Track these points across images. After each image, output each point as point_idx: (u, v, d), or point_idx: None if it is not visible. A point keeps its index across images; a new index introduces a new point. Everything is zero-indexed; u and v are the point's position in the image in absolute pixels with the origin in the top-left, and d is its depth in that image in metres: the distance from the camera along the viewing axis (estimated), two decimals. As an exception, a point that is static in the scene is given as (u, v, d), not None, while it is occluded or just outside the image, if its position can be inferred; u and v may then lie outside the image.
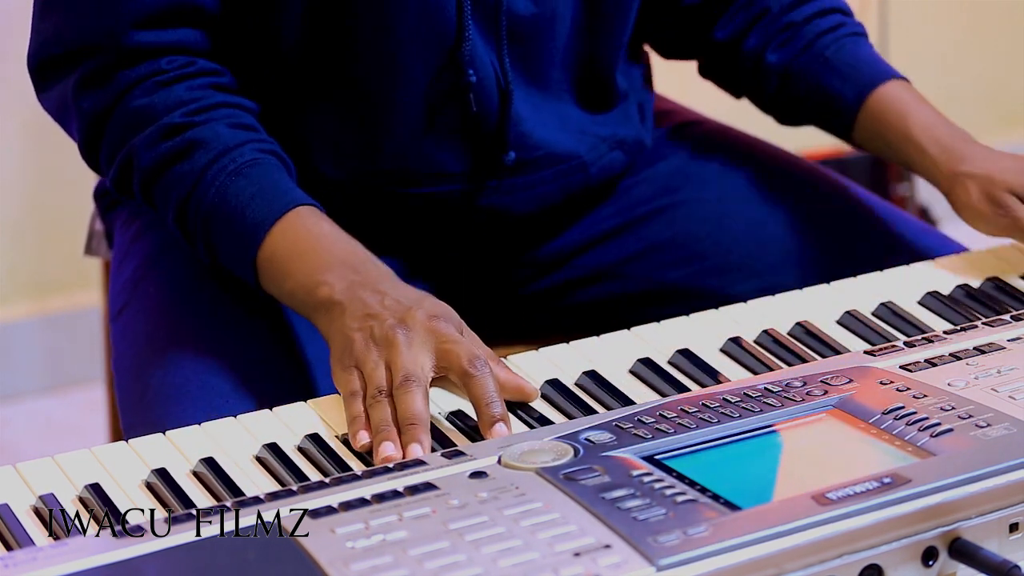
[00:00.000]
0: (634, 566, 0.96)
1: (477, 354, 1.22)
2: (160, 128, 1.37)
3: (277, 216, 1.34)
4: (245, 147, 1.36)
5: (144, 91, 1.38)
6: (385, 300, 1.26)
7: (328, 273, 1.30)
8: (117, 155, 1.39)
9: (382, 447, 1.17)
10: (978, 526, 1.04)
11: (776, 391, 1.18)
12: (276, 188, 1.35)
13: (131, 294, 1.47)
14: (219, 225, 1.35)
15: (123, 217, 1.57)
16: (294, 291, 1.32)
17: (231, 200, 1.35)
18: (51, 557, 0.99)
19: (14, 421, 2.70)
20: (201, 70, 1.40)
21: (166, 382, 1.36)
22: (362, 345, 1.23)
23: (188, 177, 1.36)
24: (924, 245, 1.54)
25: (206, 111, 1.37)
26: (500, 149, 1.47)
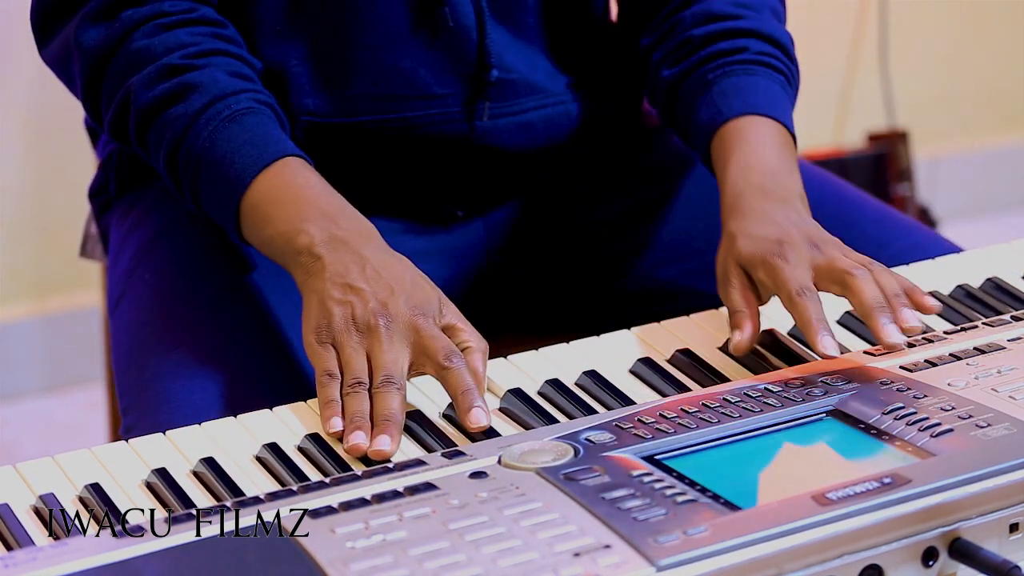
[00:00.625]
0: (634, 566, 0.96)
1: (452, 348, 1.23)
2: (159, 68, 1.37)
3: (265, 164, 1.34)
4: (241, 95, 1.37)
5: (145, 33, 1.38)
6: (367, 269, 1.27)
7: (309, 222, 1.30)
8: (116, 95, 1.39)
9: (353, 435, 1.18)
10: (978, 526, 1.04)
11: (776, 391, 1.18)
12: (267, 137, 1.36)
13: (127, 284, 1.48)
14: (207, 170, 1.35)
15: (117, 214, 1.57)
16: (273, 238, 1.32)
17: (221, 145, 1.35)
18: (51, 557, 0.99)
19: (14, 421, 2.70)
20: (203, 17, 1.40)
21: (163, 363, 1.36)
22: (341, 324, 1.24)
23: (182, 119, 1.36)
24: (924, 245, 1.53)
25: (206, 56, 1.38)
26: (483, 68, 1.47)
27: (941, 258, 1.48)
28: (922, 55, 3.33)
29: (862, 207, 1.59)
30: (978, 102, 3.44)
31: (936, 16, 3.33)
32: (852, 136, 3.19)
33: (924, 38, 3.32)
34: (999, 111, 3.46)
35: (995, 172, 3.45)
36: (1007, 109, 3.47)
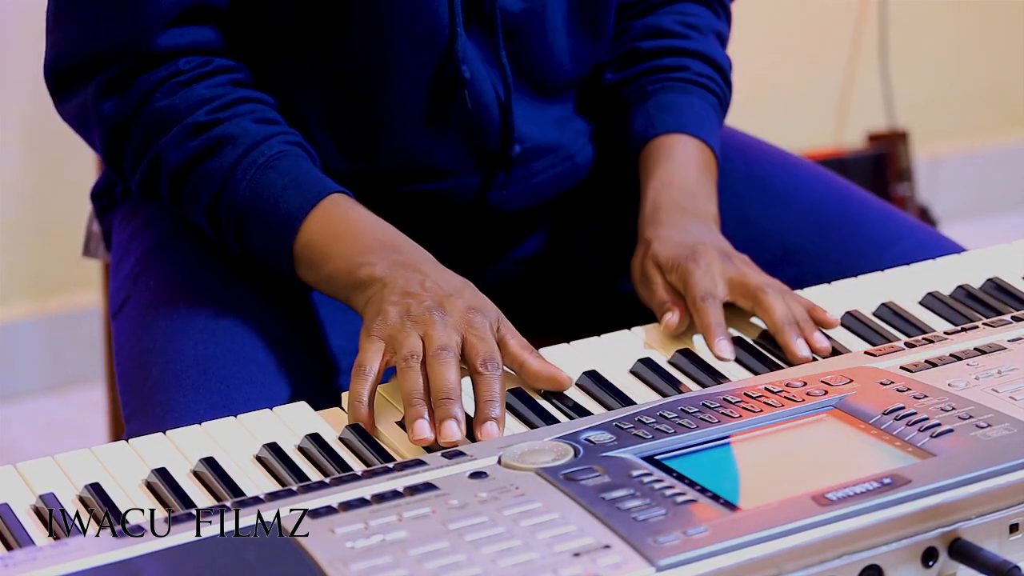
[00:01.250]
0: (634, 566, 0.96)
1: (495, 356, 1.23)
2: (186, 127, 1.38)
3: (313, 204, 1.36)
4: (272, 140, 1.38)
5: (165, 93, 1.39)
6: (426, 282, 1.28)
7: (370, 254, 1.32)
8: (143, 158, 1.40)
9: (417, 425, 1.18)
10: (978, 527, 1.04)
11: (776, 391, 1.18)
12: (308, 177, 1.37)
13: (131, 289, 1.48)
14: (252, 218, 1.37)
15: (120, 216, 1.57)
16: (333, 275, 1.33)
17: (263, 193, 1.36)
18: (51, 557, 0.99)
19: (14, 421, 2.70)
20: (219, 68, 1.41)
21: (167, 370, 1.36)
22: (396, 318, 1.25)
23: (218, 173, 1.37)
24: (920, 241, 1.53)
25: (229, 107, 1.39)
26: (506, 143, 1.47)
27: (942, 258, 1.48)
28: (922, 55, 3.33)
29: (867, 207, 1.59)
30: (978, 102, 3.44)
31: (936, 16, 3.33)
32: (852, 136, 3.19)
33: (924, 38, 3.32)
34: (999, 111, 3.46)
35: (995, 172, 3.45)
36: (1007, 109, 3.47)
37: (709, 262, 1.35)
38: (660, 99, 1.51)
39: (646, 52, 1.53)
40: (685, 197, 1.45)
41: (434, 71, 1.43)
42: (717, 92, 1.54)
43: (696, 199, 1.45)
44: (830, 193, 1.59)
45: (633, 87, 1.53)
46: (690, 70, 1.53)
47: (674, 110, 1.50)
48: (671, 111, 1.50)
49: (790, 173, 1.61)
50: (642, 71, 1.53)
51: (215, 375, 1.34)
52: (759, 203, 1.58)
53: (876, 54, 3.15)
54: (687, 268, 1.35)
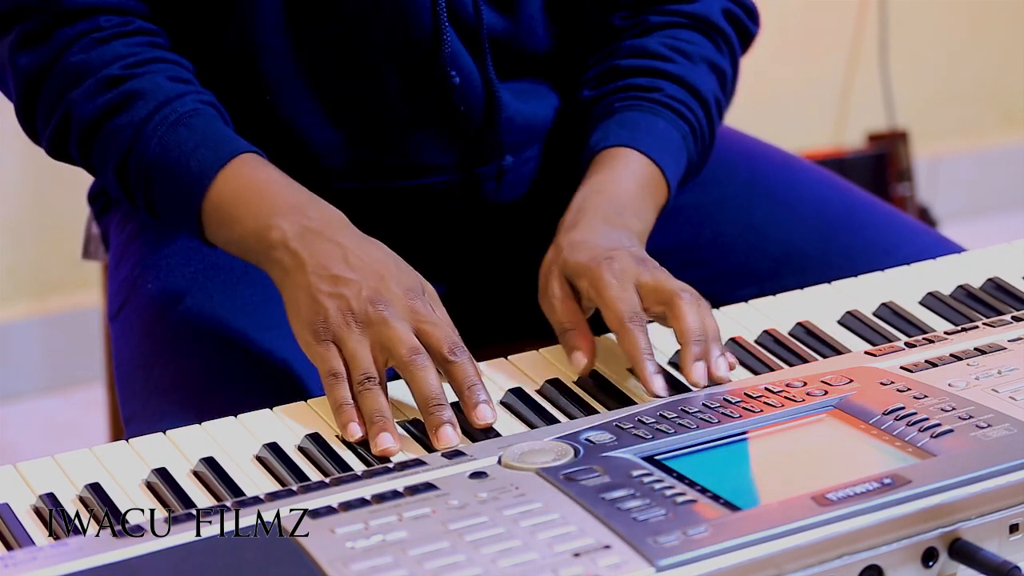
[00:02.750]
0: (634, 567, 0.96)
1: (455, 340, 1.22)
2: (98, 80, 1.36)
3: (222, 163, 1.33)
4: (185, 97, 1.36)
5: (82, 47, 1.37)
6: (349, 258, 1.26)
7: (278, 216, 1.29)
8: (55, 112, 1.38)
9: (381, 439, 1.17)
10: (978, 527, 1.04)
11: (776, 391, 1.18)
12: (219, 136, 1.35)
13: (129, 292, 1.47)
14: (162, 176, 1.34)
15: (117, 219, 1.57)
16: (243, 237, 1.31)
17: (173, 150, 1.34)
18: (51, 557, 0.99)
19: (14, 421, 2.70)
20: (139, 29, 1.39)
21: (167, 372, 1.36)
22: (339, 318, 1.23)
23: (128, 128, 1.35)
24: (924, 245, 1.53)
25: (145, 64, 1.37)
26: (495, 153, 1.47)
27: (942, 258, 1.48)
28: (922, 55, 3.33)
29: (870, 211, 1.59)
30: (978, 102, 3.44)
31: (936, 16, 3.33)
32: (852, 136, 3.19)
33: (924, 38, 3.32)
34: (999, 111, 3.46)
35: (995, 172, 3.45)
36: (1007, 109, 3.46)
37: (623, 267, 1.28)
38: (623, 116, 1.45)
39: (623, 70, 1.48)
40: (611, 206, 1.37)
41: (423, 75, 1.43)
42: (691, 120, 1.46)
43: (624, 212, 1.37)
44: (833, 197, 1.59)
45: (603, 105, 1.48)
46: (663, 92, 1.46)
47: (632, 127, 1.44)
48: (629, 128, 1.44)
49: (793, 177, 1.60)
50: (614, 89, 1.48)
51: (215, 378, 1.34)
52: (762, 207, 1.57)
53: (876, 54, 3.15)
54: (600, 276, 1.27)
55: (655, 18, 1.50)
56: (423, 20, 1.40)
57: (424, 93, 1.44)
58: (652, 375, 1.22)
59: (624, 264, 1.28)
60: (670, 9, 1.50)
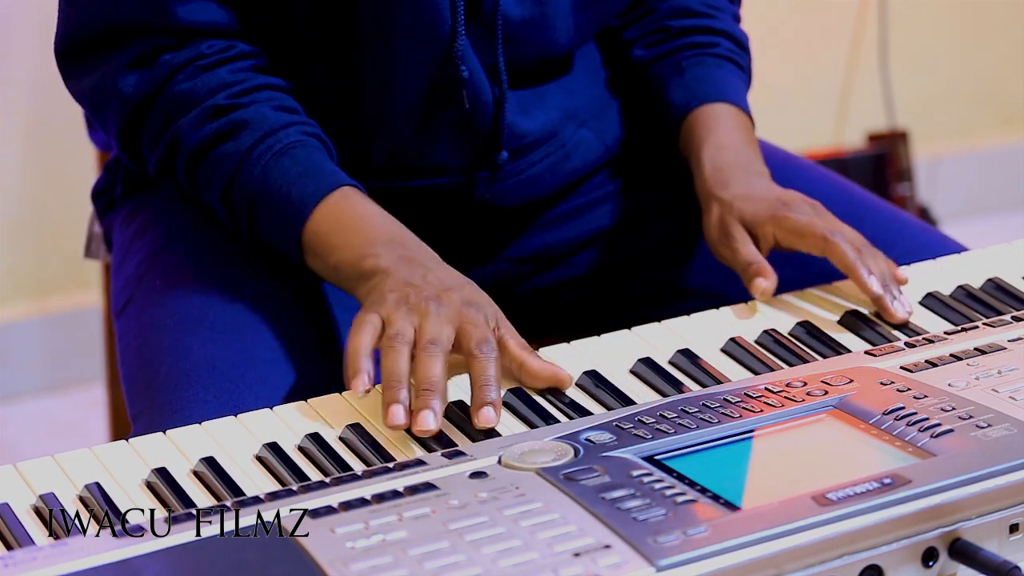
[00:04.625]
0: (634, 566, 0.96)
1: (489, 339, 1.24)
2: (205, 110, 1.39)
3: (324, 194, 1.36)
4: (290, 128, 1.39)
5: (187, 76, 1.39)
6: (428, 275, 1.29)
7: (377, 246, 1.33)
8: (161, 138, 1.40)
9: (392, 409, 1.18)
10: (978, 527, 1.04)
11: (776, 391, 1.18)
12: (321, 168, 1.38)
13: (135, 289, 1.48)
14: (264, 203, 1.37)
15: (121, 216, 1.57)
16: (339, 264, 1.34)
17: (276, 179, 1.37)
18: (51, 557, 0.99)
19: (14, 421, 2.70)
20: (241, 53, 1.42)
21: (175, 369, 1.36)
22: (392, 304, 1.26)
23: (233, 157, 1.38)
24: (924, 245, 1.53)
25: (249, 92, 1.40)
26: (493, 148, 1.48)
27: (942, 258, 1.48)
28: (922, 55, 3.33)
29: (871, 208, 1.59)
30: (978, 102, 3.44)
31: (936, 16, 3.33)
32: (852, 136, 3.19)
33: (924, 38, 3.32)
34: (999, 111, 3.46)
35: (995, 172, 3.45)
36: (1007, 109, 3.46)
37: (805, 208, 1.40)
38: (696, 72, 1.56)
39: (677, 30, 1.58)
40: (743, 158, 1.49)
41: (433, 69, 1.43)
42: (744, 67, 1.60)
43: (752, 160, 1.49)
44: (833, 195, 1.59)
45: (667, 62, 1.57)
46: (721, 46, 1.58)
47: (712, 82, 1.55)
48: (709, 83, 1.55)
49: (792, 174, 1.61)
50: (675, 47, 1.57)
51: (223, 375, 1.34)
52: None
53: (876, 54, 3.15)
54: (787, 216, 1.40)
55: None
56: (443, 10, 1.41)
57: (436, 89, 1.44)
58: (867, 276, 1.36)
59: (803, 207, 1.42)
60: None
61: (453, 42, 1.42)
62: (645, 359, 1.30)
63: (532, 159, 1.51)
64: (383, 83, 1.44)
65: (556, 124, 1.53)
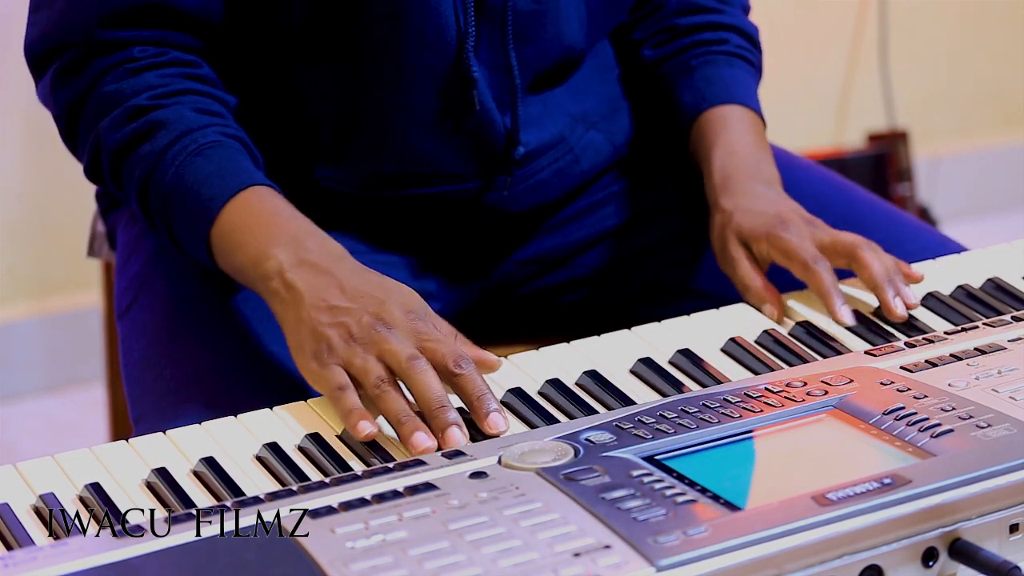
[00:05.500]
0: (634, 566, 0.96)
1: (460, 352, 1.22)
2: (126, 110, 1.38)
3: (232, 193, 1.34)
4: (208, 129, 1.37)
5: (115, 77, 1.39)
6: (345, 287, 1.26)
7: (276, 246, 1.30)
8: (88, 140, 1.40)
9: (416, 438, 1.16)
10: (978, 527, 1.04)
11: (776, 391, 1.18)
12: (235, 168, 1.36)
13: (139, 290, 1.48)
14: (176, 203, 1.36)
15: (126, 216, 1.57)
16: (243, 265, 1.32)
17: (189, 178, 1.35)
18: (51, 557, 0.99)
19: (14, 421, 2.70)
20: (174, 60, 1.41)
21: (178, 372, 1.36)
22: (342, 343, 1.23)
23: (149, 157, 1.37)
24: (924, 245, 1.53)
25: (173, 96, 1.38)
26: (510, 145, 1.47)
27: (942, 258, 1.48)
28: (922, 55, 3.33)
29: (871, 209, 1.59)
30: (978, 102, 3.44)
31: (936, 16, 3.33)
32: (852, 136, 3.19)
33: (924, 38, 3.32)
34: (999, 111, 3.46)
35: (995, 172, 3.45)
36: (1007, 109, 3.47)
37: (799, 228, 1.40)
38: (705, 72, 1.55)
39: (684, 28, 1.57)
40: (751, 163, 1.49)
41: (444, 73, 1.43)
42: (753, 62, 1.59)
43: (761, 165, 1.49)
44: (834, 195, 1.59)
45: (676, 62, 1.57)
46: (729, 43, 1.57)
47: (722, 82, 1.55)
48: (719, 84, 1.55)
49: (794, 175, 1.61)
50: (683, 46, 1.57)
51: (226, 379, 1.34)
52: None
53: (876, 54, 3.15)
54: (779, 236, 1.40)
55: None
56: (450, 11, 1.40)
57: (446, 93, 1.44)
58: (840, 306, 1.35)
59: (798, 225, 1.41)
60: None
61: (463, 43, 1.42)
62: (645, 359, 1.30)
63: (540, 164, 1.51)
64: (393, 91, 1.43)
65: (565, 129, 1.52)
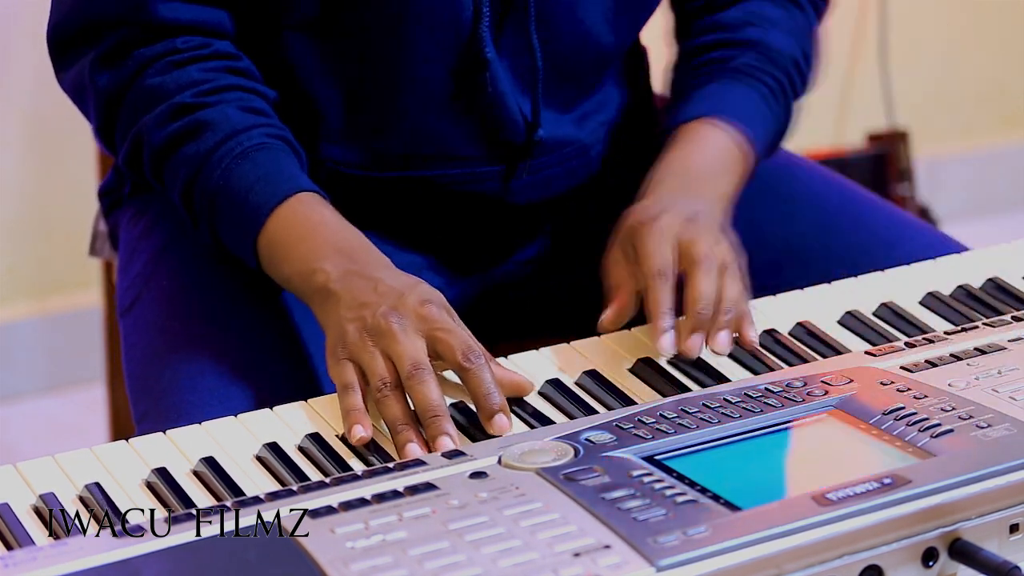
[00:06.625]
0: (634, 567, 0.96)
1: (471, 345, 1.22)
2: (171, 107, 1.37)
3: (279, 201, 1.34)
4: (253, 131, 1.37)
5: (157, 70, 1.38)
6: (379, 287, 1.27)
7: (324, 260, 1.30)
8: (128, 134, 1.40)
9: (408, 449, 1.17)
10: (978, 527, 1.04)
11: (777, 391, 1.18)
12: (280, 173, 1.36)
13: (142, 288, 1.48)
14: (222, 207, 1.36)
15: (128, 215, 1.57)
16: (291, 276, 1.33)
17: (235, 183, 1.35)
18: (51, 557, 0.99)
19: (14, 421, 2.70)
20: (216, 52, 1.40)
21: (180, 371, 1.36)
22: (355, 336, 1.24)
23: (195, 158, 1.37)
24: (924, 245, 1.53)
25: (217, 92, 1.38)
26: (529, 131, 1.46)
27: (942, 258, 1.48)
28: (922, 55, 3.33)
29: (871, 208, 1.59)
30: (978, 102, 3.44)
31: (936, 16, 3.33)
32: (852, 136, 3.19)
33: (924, 38, 3.32)
34: (999, 111, 3.46)
35: (995, 172, 3.45)
36: (1007, 109, 3.47)
37: (667, 224, 1.30)
38: (698, 91, 1.50)
39: (697, 48, 1.53)
40: (683, 177, 1.41)
41: (457, 53, 1.42)
42: (768, 80, 1.51)
43: (697, 180, 1.41)
44: (834, 194, 1.59)
45: (681, 80, 1.53)
46: (735, 59, 1.51)
47: (707, 98, 1.49)
48: (703, 99, 1.49)
49: (794, 174, 1.61)
50: (689, 67, 1.53)
51: (229, 377, 1.34)
52: (763, 203, 1.57)
53: (876, 54, 3.15)
54: (641, 233, 1.30)
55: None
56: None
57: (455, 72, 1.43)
58: (661, 332, 1.25)
59: (668, 222, 1.30)
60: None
61: (478, 24, 1.41)
62: (645, 359, 1.30)
63: (551, 160, 1.51)
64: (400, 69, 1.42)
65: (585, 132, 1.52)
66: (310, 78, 1.44)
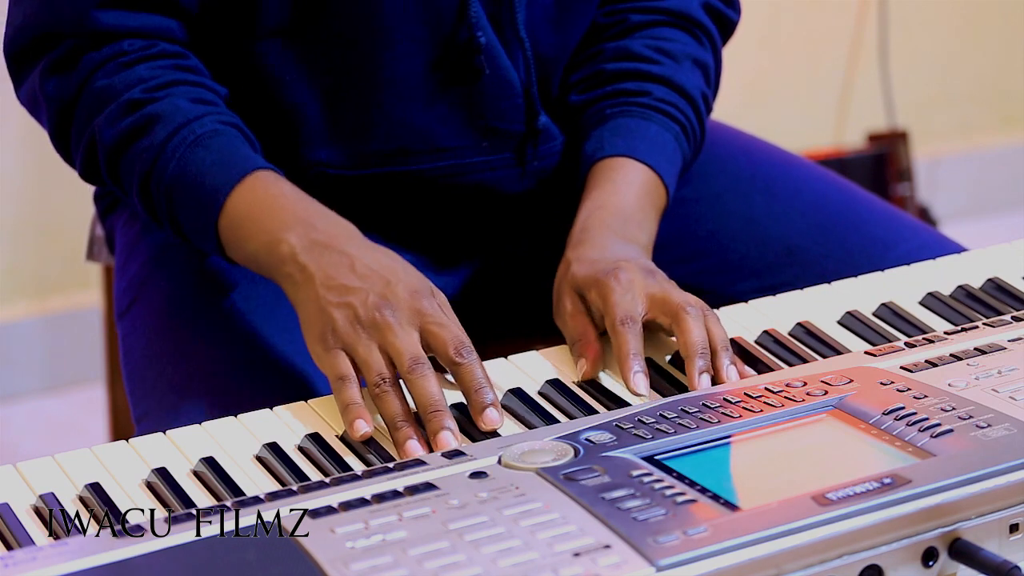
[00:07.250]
0: (634, 566, 0.96)
1: (463, 340, 1.22)
2: (120, 105, 1.37)
3: (236, 180, 1.34)
4: (205, 119, 1.37)
5: (106, 72, 1.38)
6: (356, 266, 1.27)
7: (287, 231, 1.30)
8: (83, 138, 1.39)
9: (408, 445, 1.17)
10: (978, 527, 1.04)
11: (776, 391, 1.18)
12: (235, 155, 1.36)
13: (139, 290, 1.48)
14: (180, 195, 1.35)
15: (124, 218, 1.57)
16: (256, 252, 1.32)
17: (191, 170, 1.35)
18: (51, 557, 0.99)
19: (14, 421, 2.70)
20: (163, 52, 1.40)
21: (179, 371, 1.36)
22: (346, 326, 1.23)
23: (149, 151, 1.36)
24: (924, 245, 1.53)
25: (165, 87, 1.38)
26: (532, 114, 1.46)
27: (942, 258, 1.48)
28: (922, 55, 3.33)
29: (869, 208, 1.59)
30: (978, 102, 3.44)
31: (936, 16, 3.33)
32: (852, 136, 3.19)
33: (924, 38, 3.32)
34: (999, 111, 3.46)
35: (995, 172, 3.45)
36: (1007, 109, 3.47)
37: (631, 278, 1.30)
38: (616, 123, 1.47)
39: (610, 74, 1.50)
40: (617, 220, 1.40)
41: (438, 44, 1.42)
42: (681, 121, 1.48)
43: (628, 224, 1.40)
44: (833, 193, 1.59)
45: (593, 111, 1.50)
46: (651, 95, 1.48)
47: (627, 134, 1.46)
48: (623, 135, 1.46)
49: (793, 174, 1.61)
50: (604, 94, 1.50)
51: (227, 379, 1.34)
52: (762, 203, 1.57)
53: (876, 54, 3.15)
54: (607, 285, 1.30)
55: (636, 16, 1.52)
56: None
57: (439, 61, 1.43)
58: (633, 374, 1.25)
59: (632, 275, 1.31)
60: (651, 6, 1.52)
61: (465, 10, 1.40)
62: (645, 359, 1.30)
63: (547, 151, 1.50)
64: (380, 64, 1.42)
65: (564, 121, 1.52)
66: (289, 84, 1.44)
